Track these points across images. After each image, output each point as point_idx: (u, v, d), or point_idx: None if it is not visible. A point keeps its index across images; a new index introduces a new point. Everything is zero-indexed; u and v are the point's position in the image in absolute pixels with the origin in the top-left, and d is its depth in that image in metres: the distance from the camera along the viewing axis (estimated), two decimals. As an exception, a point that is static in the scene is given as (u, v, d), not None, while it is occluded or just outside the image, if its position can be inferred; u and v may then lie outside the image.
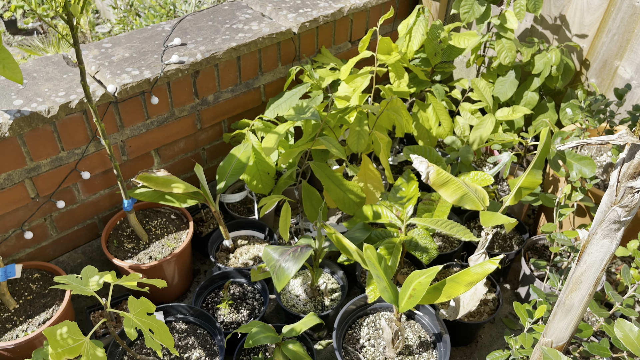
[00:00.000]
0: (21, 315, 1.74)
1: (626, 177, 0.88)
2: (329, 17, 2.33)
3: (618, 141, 0.84)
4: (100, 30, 5.33)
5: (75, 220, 2.02)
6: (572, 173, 1.82)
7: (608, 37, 2.19)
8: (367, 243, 1.85)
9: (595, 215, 1.87)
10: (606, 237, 0.96)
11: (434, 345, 1.75)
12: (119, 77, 1.86)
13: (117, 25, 4.45)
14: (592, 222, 0.99)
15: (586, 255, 1.02)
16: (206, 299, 1.97)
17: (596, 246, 0.99)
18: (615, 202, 0.92)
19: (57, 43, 4.90)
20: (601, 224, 0.96)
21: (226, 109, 2.23)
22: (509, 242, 2.18)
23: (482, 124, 2.25)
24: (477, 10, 2.11)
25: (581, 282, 1.06)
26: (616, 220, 0.93)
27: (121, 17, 4.43)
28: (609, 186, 0.93)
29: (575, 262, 1.06)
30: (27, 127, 1.67)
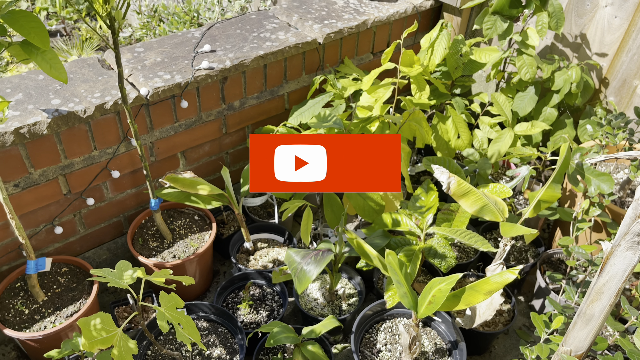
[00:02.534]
0: (49, 307, 1.80)
1: (650, 192, 0.92)
2: (353, 28, 2.39)
3: (644, 157, 0.88)
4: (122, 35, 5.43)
5: (102, 218, 2.08)
6: (591, 188, 1.85)
7: (628, 56, 2.23)
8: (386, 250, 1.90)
9: (612, 229, 1.91)
10: (629, 250, 1.00)
11: (450, 353, 1.79)
12: (151, 81, 1.92)
13: (140, 30, 4.54)
14: (616, 235, 1.03)
15: (609, 267, 1.06)
16: (226, 299, 2.02)
17: (619, 258, 1.03)
18: (639, 216, 0.96)
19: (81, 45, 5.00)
20: (625, 237, 1.00)
21: (251, 114, 2.29)
22: (525, 254, 2.22)
23: (501, 138, 2.29)
24: (499, 26, 2.16)
25: (602, 292, 1.10)
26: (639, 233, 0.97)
27: (144, 23, 4.52)
28: (634, 200, 0.97)
29: (597, 273, 1.10)
30: (64, 125, 1.74)
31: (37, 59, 1.37)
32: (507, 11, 1.89)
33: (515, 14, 1.89)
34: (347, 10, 2.49)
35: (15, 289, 1.84)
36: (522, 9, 1.87)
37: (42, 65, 1.38)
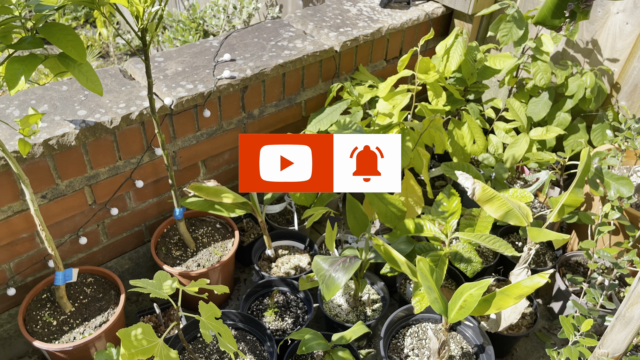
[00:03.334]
0: (77, 318, 1.80)
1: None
2: (368, 36, 2.42)
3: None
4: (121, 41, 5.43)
5: (124, 227, 2.09)
6: (610, 192, 1.88)
7: (639, 62, 2.27)
8: (412, 255, 1.92)
9: (630, 232, 1.94)
10: (673, 254, 1.03)
11: (477, 357, 1.81)
12: (174, 91, 1.94)
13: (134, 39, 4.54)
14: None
15: (650, 270, 1.09)
16: (251, 307, 2.03)
17: (662, 262, 1.06)
18: (684, 221, 0.99)
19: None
20: (669, 241, 1.03)
21: (269, 122, 2.31)
22: (542, 257, 2.25)
23: (517, 143, 2.32)
24: (515, 33, 2.20)
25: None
26: (684, 238, 1.00)
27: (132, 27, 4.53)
28: (678, 206, 1.00)
29: (638, 276, 1.13)
30: (91, 136, 1.75)
31: (75, 72, 1.38)
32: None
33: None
34: (361, 18, 2.52)
35: (42, 300, 1.84)
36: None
37: (79, 77, 1.39)
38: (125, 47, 5.18)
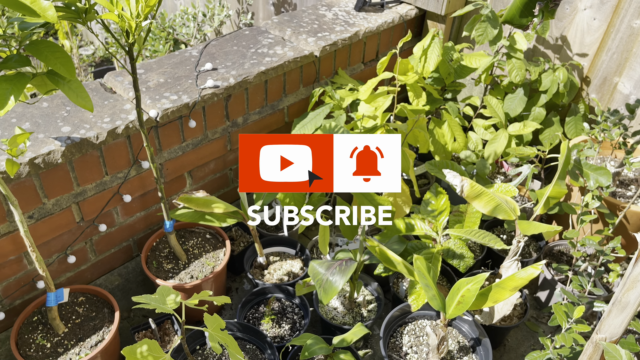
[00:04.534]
0: (72, 338, 1.76)
1: (687, 185, 1.01)
2: (346, 40, 2.45)
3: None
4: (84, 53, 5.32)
5: (113, 243, 2.05)
6: (590, 182, 1.96)
7: (608, 55, 2.36)
8: (404, 254, 1.95)
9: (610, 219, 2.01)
10: (666, 239, 1.08)
11: (474, 350, 1.85)
12: (158, 102, 1.92)
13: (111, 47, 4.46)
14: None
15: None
16: (247, 315, 2.02)
17: (656, 247, 1.11)
18: (677, 208, 1.04)
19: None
20: (662, 228, 1.08)
21: (253, 130, 2.31)
22: (527, 249, 2.31)
23: (497, 139, 2.38)
24: (490, 32, 2.26)
25: (638, 281, 1.18)
26: (677, 224, 1.06)
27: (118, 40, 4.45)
28: (669, 193, 1.05)
29: (633, 262, 1.18)
30: (77, 153, 1.72)
31: (64, 89, 1.36)
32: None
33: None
34: (337, 23, 2.55)
35: (33, 322, 1.79)
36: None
37: (69, 94, 1.36)
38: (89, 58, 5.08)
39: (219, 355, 1.80)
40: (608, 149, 2.37)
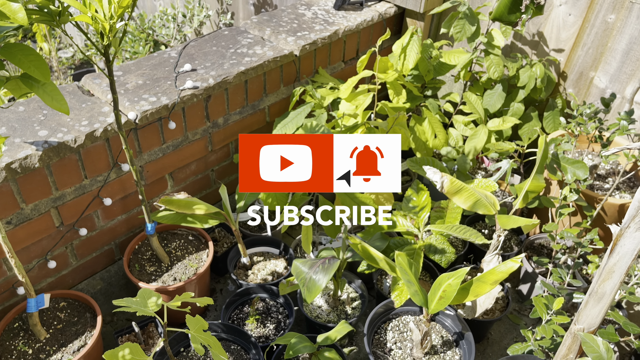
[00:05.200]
0: (53, 344, 1.75)
1: (657, 177, 1.03)
2: (326, 39, 2.45)
3: (652, 146, 0.99)
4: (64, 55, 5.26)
5: (94, 247, 2.04)
6: (568, 176, 1.99)
7: (583, 50, 2.40)
8: (387, 251, 1.97)
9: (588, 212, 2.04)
10: (639, 230, 1.11)
11: (457, 344, 1.87)
12: (137, 104, 1.91)
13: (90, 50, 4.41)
14: (625, 218, 1.13)
15: (619, 247, 1.16)
16: (231, 316, 2.02)
17: (629, 238, 1.13)
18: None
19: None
20: (634, 218, 1.10)
21: (234, 130, 2.30)
22: (508, 243, 2.34)
23: (476, 135, 2.41)
24: (468, 29, 2.28)
25: (614, 271, 1.20)
26: (648, 214, 1.08)
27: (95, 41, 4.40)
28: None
29: (607, 254, 1.20)
30: (55, 157, 1.70)
31: (39, 92, 1.34)
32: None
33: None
34: (317, 22, 2.55)
35: (14, 329, 1.77)
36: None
37: (44, 97, 1.35)
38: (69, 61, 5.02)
39: (202, 356, 1.80)
40: (585, 142, 2.40)
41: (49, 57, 5.02)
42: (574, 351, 1.40)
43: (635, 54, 2.24)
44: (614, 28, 2.26)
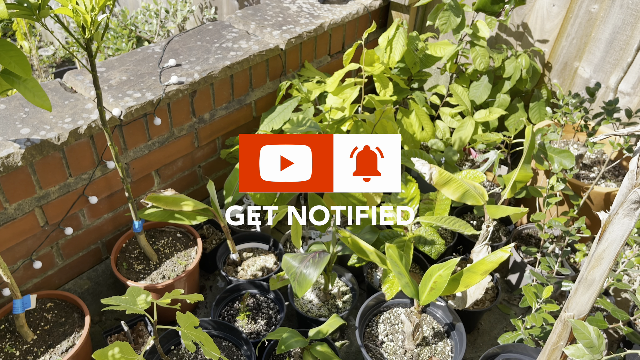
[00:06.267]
0: (41, 345, 1.72)
1: (645, 163, 1.04)
2: (311, 32, 2.43)
3: (640, 132, 0.99)
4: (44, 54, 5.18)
5: (80, 246, 2.01)
6: (554, 165, 2.00)
7: (567, 41, 2.41)
8: (377, 244, 1.96)
9: (574, 201, 2.06)
10: (627, 216, 1.11)
11: (448, 335, 1.88)
12: (122, 100, 1.88)
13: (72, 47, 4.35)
14: (613, 204, 1.14)
15: (607, 234, 1.17)
16: (222, 313, 2.00)
17: (617, 225, 1.14)
18: (636, 185, 1.07)
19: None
20: (622, 205, 1.11)
21: (221, 125, 2.28)
22: (497, 233, 2.35)
23: (463, 127, 2.41)
24: (453, 21, 2.28)
25: (603, 258, 1.21)
26: (636, 201, 1.08)
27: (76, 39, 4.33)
28: (629, 171, 1.08)
29: (596, 241, 1.21)
30: (38, 155, 1.67)
31: (20, 88, 1.31)
32: (490, 8, 2.01)
33: (497, 9, 2.02)
34: (302, 15, 2.53)
35: (1, 331, 1.74)
36: (503, 5, 1.99)
37: (25, 94, 1.32)
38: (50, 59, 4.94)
39: (194, 354, 1.78)
40: (571, 132, 2.42)
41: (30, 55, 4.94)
42: (564, 338, 1.41)
43: (618, 44, 2.26)
44: (598, 18, 2.28)
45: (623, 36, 2.24)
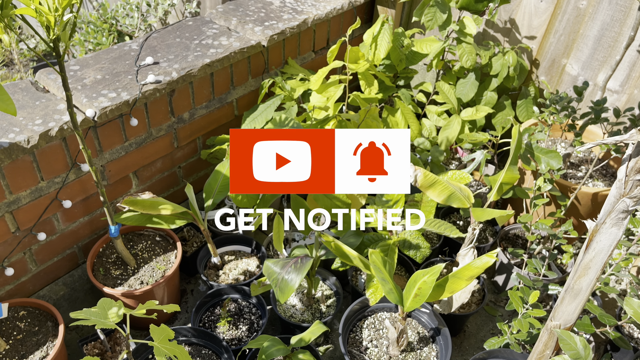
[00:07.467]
0: (14, 356, 1.66)
1: (634, 172, 0.99)
2: (294, 28, 2.37)
3: (629, 140, 0.95)
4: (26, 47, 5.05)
5: (55, 252, 1.94)
6: (542, 166, 1.96)
7: (555, 37, 2.37)
8: (361, 247, 1.92)
9: (562, 201, 2.03)
10: (614, 226, 1.08)
11: (433, 340, 1.84)
12: (96, 101, 1.81)
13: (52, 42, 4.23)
14: (600, 213, 1.10)
15: (595, 243, 1.13)
16: (202, 319, 1.95)
17: (605, 234, 1.10)
18: (624, 194, 1.03)
19: None
20: (610, 214, 1.07)
21: (201, 125, 2.22)
22: (483, 234, 2.32)
23: (450, 125, 2.37)
24: (439, 17, 2.23)
25: (590, 267, 1.17)
26: (624, 210, 1.04)
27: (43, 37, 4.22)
28: (617, 180, 1.04)
29: (583, 250, 1.17)
30: (7, 159, 1.60)
31: (-19, 92, 1.24)
32: (474, 6, 1.95)
33: (481, 8, 1.96)
34: (285, 10, 2.47)
35: (-30, 342, 1.67)
36: (487, 3, 1.94)
37: (-13, 98, 1.25)
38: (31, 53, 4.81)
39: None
40: (558, 131, 2.39)
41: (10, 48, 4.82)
42: (550, 347, 1.38)
43: (607, 41, 2.23)
44: (586, 14, 2.24)
45: (612, 33, 2.20)
